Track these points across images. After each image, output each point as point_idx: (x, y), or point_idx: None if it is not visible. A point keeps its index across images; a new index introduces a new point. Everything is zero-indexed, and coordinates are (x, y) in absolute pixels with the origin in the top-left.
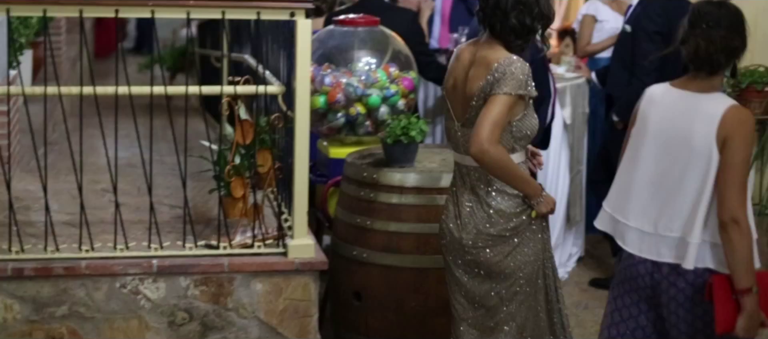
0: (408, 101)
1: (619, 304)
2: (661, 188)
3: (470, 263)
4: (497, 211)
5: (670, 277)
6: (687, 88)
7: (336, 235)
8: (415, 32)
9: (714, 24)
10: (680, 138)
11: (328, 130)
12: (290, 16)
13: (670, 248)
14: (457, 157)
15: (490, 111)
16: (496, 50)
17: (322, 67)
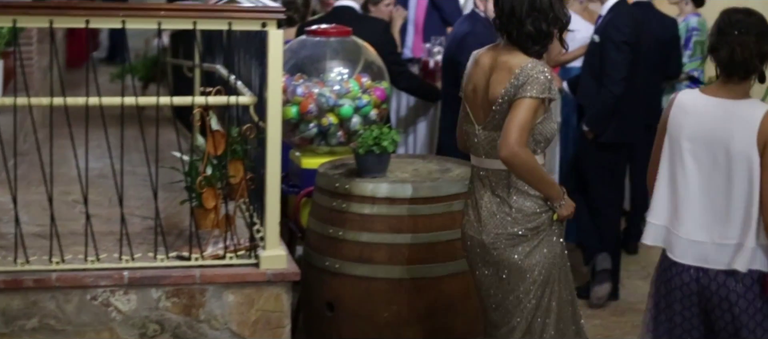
0: (380, 111)
1: (668, 315)
2: (708, 197)
3: (493, 264)
4: (518, 211)
5: (720, 281)
6: (718, 95)
7: (308, 246)
8: (387, 42)
9: (745, 31)
10: (720, 145)
11: (301, 141)
12: (262, 26)
13: (727, 255)
14: (475, 160)
15: (517, 114)
16: (516, 55)
17: (294, 77)
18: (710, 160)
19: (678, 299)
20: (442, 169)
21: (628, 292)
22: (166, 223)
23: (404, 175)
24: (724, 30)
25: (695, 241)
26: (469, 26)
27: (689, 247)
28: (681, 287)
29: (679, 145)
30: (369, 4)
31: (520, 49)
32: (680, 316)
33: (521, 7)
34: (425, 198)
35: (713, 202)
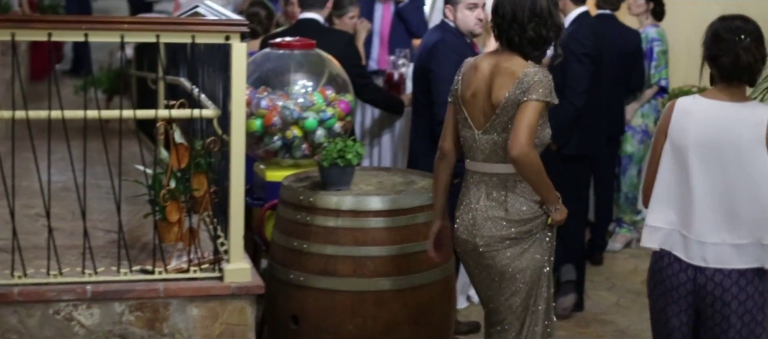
0: (345, 124)
1: (666, 315)
2: (718, 198)
3: (485, 267)
4: (514, 215)
5: (717, 280)
6: (720, 99)
7: (273, 259)
8: (351, 55)
9: (747, 36)
10: (728, 147)
11: (265, 154)
12: (225, 39)
13: (744, 254)
14: (472, 165)
15: (525, 116)
16: (517, 61)
17: (258, 90)
18: (719, 163)
19: (675, 299)
20: (407, 181)
21: (593, 303)
22: (130, 237)
23: (369, 187)
24: (725, 37)
25: (707, 242)
26: (439, 35)
27: (700, 248)
28: (677, 287)
29: (686, 149)
30: (333, 17)
31: (520, 54)
32: (676, 319)
33: (523, 12)
34: (390, 210)
35: (724, 203)
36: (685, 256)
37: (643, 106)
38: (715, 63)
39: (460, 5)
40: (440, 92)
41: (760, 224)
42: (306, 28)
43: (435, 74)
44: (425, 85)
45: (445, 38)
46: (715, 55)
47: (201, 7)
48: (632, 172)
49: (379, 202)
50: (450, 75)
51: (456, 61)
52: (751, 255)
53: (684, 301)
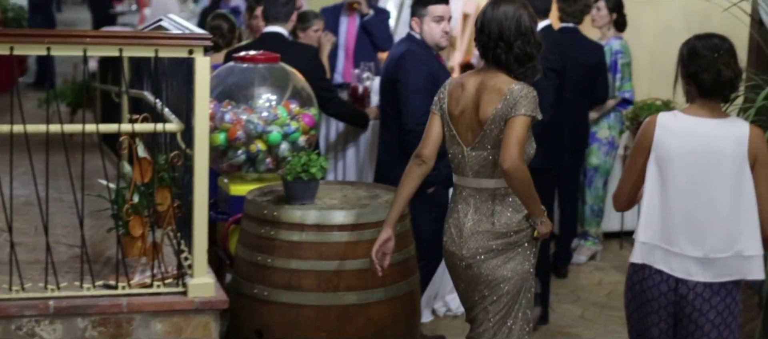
0: (309, 138)
1: (645, 325)
2: (701, 213)
3: (470, 277)
4: (500, 227)
5: (698, 291)
6: (700, 115)
7: (237, 273)
8: (315, 68)
9: (724, 53)
10: (713, 163)
11: (229, 168)
12: (189, 53)
13: (726, 267)
14: (461, 180)
15: (514, 131)
16: (502, 78)
17: (222, 104)
18: (702, 178)
19: (654, 309)
20: (371, 195)
21: (558, 315)
22: (93, 252)
23: (333, 201)
24: (704, 54)
25: (690, 256)
26: (406, 46)
27: (683, 261)
28: (658, 297)
29: (669, 165)
30: (298, 30)
31: (505, 71)
32: (656, 328)
33: (509, 30)
34: (354, 224)
35: (706, 217)
36: (668, 269)
37: (608, 117)
38: (694, 79)
39: (426, 18)
40: (407, 101)
41: (741, 237)
42: (270, 41)
43: (402, 84)
44: (393, 96)
45: (412, 49)
46: (695, 72)
47: (165, 21)
48: (598, 183)
49: (343, 216)
50: (417, 85)
51: (423, 71)
52: (732, 267)
53: (664, 311)
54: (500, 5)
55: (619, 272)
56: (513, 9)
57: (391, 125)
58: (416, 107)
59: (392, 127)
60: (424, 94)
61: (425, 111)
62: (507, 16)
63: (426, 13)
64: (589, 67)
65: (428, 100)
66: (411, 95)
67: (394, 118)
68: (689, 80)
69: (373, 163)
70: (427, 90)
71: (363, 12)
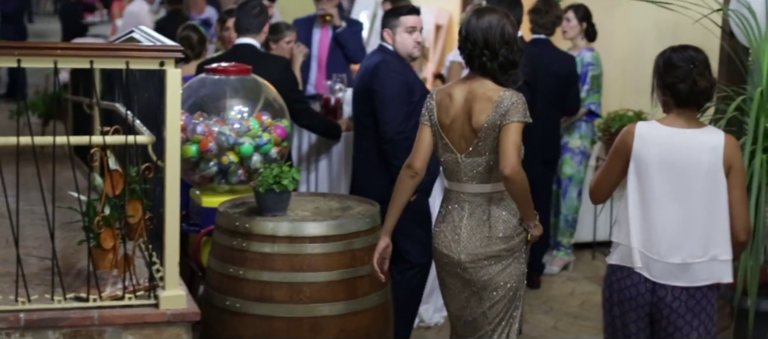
0: (281, 149)
1: (623, 322)
2: (678, 219)
3: (468, 282)
4: (497, 233)
5: (675, 294)
6: (676, 125)
7: (209, 285)
8: (288, 80)
9: (699, 64)
10: (690, 171)
11: (201, 179)
12: (160, 65)
13: (702, 271)
14: (455, 185)
15: (510, 137)
16: (490, 85)
17: (193, 115)
18: (679, 186)
19: (633, 308)
20: (343, 206)
21: (531, 326)
22: (64, 264)
23: (305, 213)
24: (680, 65)
25: (668, 261)
26: (380, 57)
27: (661, 266)
28: (636, 297)
29: (648, 174)
30: (270, 42)
31: (490, 78)
32: (634, 325)
33: (494, 39)
34: (326, 236)
35: (684, 224)
36: (647, 274)
37: (580, 127)
38: (671, 90)
39: (398, 29)
40: (385, 111)
41: (716, 242)
42: (242, 53)
43: (378, 94)
44: (369, 107)
45: (386, 59)
46: (672, 83)
47: (136, 33)
48: (572, 193)
49: (315, 228)
50: (394, 94)
51: (399, 80)
52: (708, 271)
53: (642, 311)
54: (484, 15)
55: (591, 283)
56: (497, 18)
57: (369, 136)
58: (394, 116)
59: (370, 138)
60: (401, 103)
61: (403, 120)
62: (491, 25)
63: (398, 24)
64: (561, 79)
65: (405, 109)
66: (388, 105)
67: (371, 129)
68: (665, 91)
69: (346, 174)
70: (403, 99)
71: (335, 24)
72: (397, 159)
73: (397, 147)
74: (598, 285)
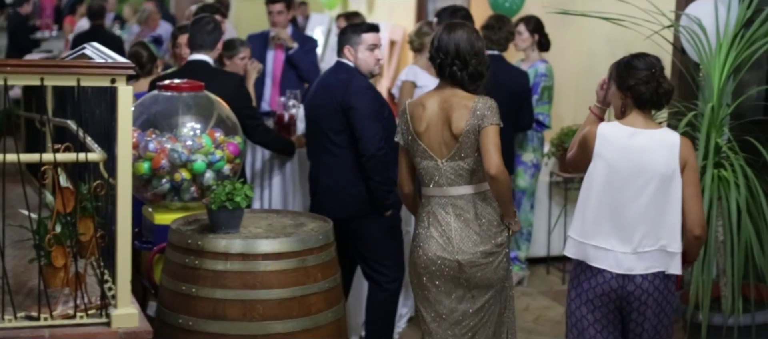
0: (234, 166)
1: (591, 319)
2: (637, 214)
3: (461, 282)
4: (486, 230)
5: (637, 282)
6: (635, 125)
7: (161, 303)
8: (241, 96)
9: (659, 70)
10: (650, 169)
11: (153, 197)
12: (111, 82)
13: (653, 261)
14: (437, 191)
15: (490, 140)
16: (463, 93)
17: (146, 132)
18: (640, 183)
19: (604, 303)
20: (297, 223)
21: None
22: (15, 282)
23: (258, 230)
24: (644, 69)
25: (629, 253)
26: (348, 75)
27: (623, 258)
28: (608, 293)
29: (610, 171)
30: (224, 58)
31: (461, 87)
32: (605, 319)
33: (465, 50)
34: (279, 253)
35: (639, 217)
36: (610, 267)
37: (532, 140)
38: (633, 92)
39: (360, 46)
40: (365, 128)
41: (666, 234)
42: (195, 69)
43: (358, 111)
44: (341, 124)
45: (355, 77)
46: (635, 85)
47: (88, 49)
48: (526, 206)
49: (268, 245)
50: (371, 110)
51: (373, 96)
52: (658, 260)
53: (606, 308)
54: (456, 29)
55: (546, 297)
56: (467, 33)
57: (338, 153)
58: (374, 133)
59: (339, 154)
60: (378, 119)
61: (382, 136)
62: (462, 39)
63: (360, 42)
64: (514, 95)
65: (381, 124)
66: (367, 121)
67: (343, 146)
68: (627, 93)
69: (300, 191)
70: (379, 115)
71: (288, 45)
72: (378, 174)
73: (378, 163)
74: (553, 300)
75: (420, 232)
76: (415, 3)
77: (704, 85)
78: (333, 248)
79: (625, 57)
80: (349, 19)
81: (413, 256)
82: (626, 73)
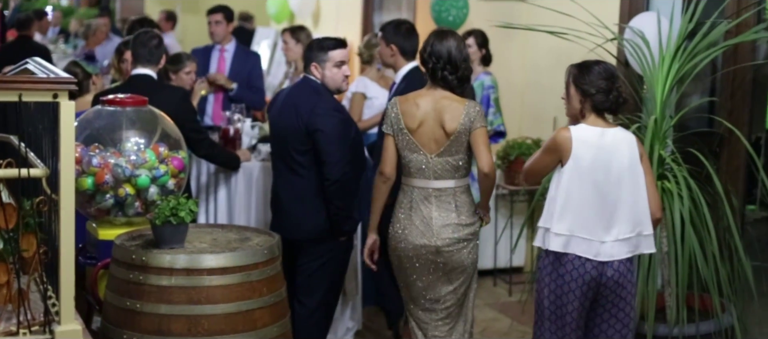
0: (178, 181)
1: (570, 308)
2: (610, 205)
3: (441, 264)
4: (464, 219)
5: (615, 267)
6: (600, 126)
7: (106, 319)
8: (185, 110)
9: (617, 77)
10: (615, 164)
11: (97, 212)
12: (53, 97)
13: (629, 245)
14: (423, 182)
15: (482, 141)
16: (453, 96)
17: (89, 147)
18: (610, 177)
19: (584, 291)
20: (242, 238)
21: None
22: None
23: (203, 245)
24: (606, 77)
25: (606, 241)
26: (315, 96)
27: (600, 247)
28: (588, 281)
29: (584, 169)
30: (170, 72)
31: (450, 90)
32: (579, 303)
33: (456, 57)
34: (224, 268)
35: (615, 208)
36: (591, 255)
37: None
38: (592, 98)
39: (327, 63)
40: (330, 153)
41: (641, 220)
42: (139, 83)
43: (325, 135)
44: (306, 145)
45: (323, 97)
46: (594, 93)
47: (31, 64)
48: None
49: (213, 260)
50: (338, 134)
51: (340, 119)
52: (635, 244)
53: (584, 296)
54: (446, 37)
55: (493, 309)
56: (456, 41)
57: (302, 173)
58: (340, 158)
59: (303, 175)
60: (345, 143)
61: (347, 160)
62: (453, 46)
63: (327, 59)
64: None
65: (347, 148)
66: (333, 146)
67: (306, 167)
68: (586, 99)
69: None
70: (346, 139)
71: (227, 87)
72: (340, 200)
73: (342, 189)
74: (500, 312)
75: (401, 217)
76: (361, 16)
77: (647, 97)
78: (278, 262)
79: (582, 63)
80: (294, 32)
81: (394, 243)
82: (587, 81)
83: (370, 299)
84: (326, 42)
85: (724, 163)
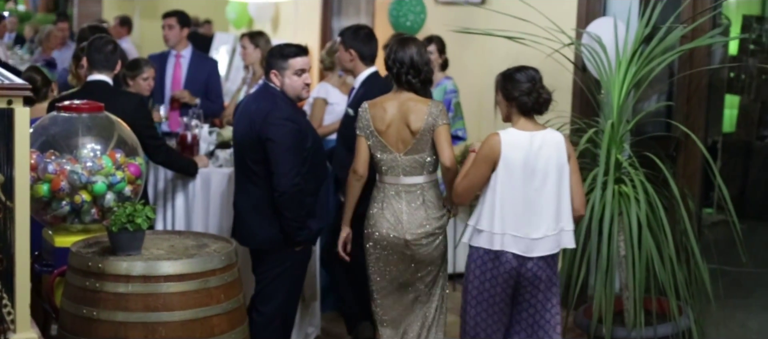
0: (135, 187)
1: (492, 302)
2: (538, 204)
3: (408, 257)
4: (432, 213)
5: (535, 262)
6: (527, 129)
7: (62, 327)
8: (141, 116)
9: (538, 81)
10: (543, 165)
11: (53, 219)
12: (8, 104)
13: (556, 242)
14: (393, 179)
15: (445, 137)
16: (417, 97)
17: (45, 154)
18: (538, 178)
19: (502, 282)
20: (199, 244)
21: None
22: None
23: (160, 251)
24: (526, 81)
25: (534, 238)
26: (270, 104)
27: (529, 243)
28: (509, 272)
29: (515, 171)
30: (127, 78)
31: (414, 92)
32: (501, 297)
33: (417, 61)
34: (181, 275)
35: (543, 207)
36: (517, 250)
37: None
38: (517, 102)
39: (287, 71)
40: (280, 163)
41: (563, 217)
42: (95, 89)
43: (276, 144)
44: (260, 155)
45: (277, 104)
46: (518, 96)
47: None
48: None
49: (170, 267)
50: (288, 144)
51: (292, 129)
52: (557, 241)
53: (512, 281)
54: (408, 44)
55: (452, 314)
56: (417, 46)
57: (258, 182)
58: (289, 169)
59: (259, 184)
60: (296, 154)
61: (298, 171)
62: (414, 52)
63: (287, 67)
64: None
65: (299, 158)
66: (282, 157)
67: (261, 176)
68: (512, 103)
69: (203, 211)
70: (298, 148)
71: (190, 103)
72: (289, 211)
73: (291, 200)
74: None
75: (374, 212)
76: (320, 21)
77: (604, 102)
78: (236, 269)
79: (509, 70)
80: (253, 38)
81: (368, 233)
82: (511, 86)
83: (329, 304)
84: (287, 49)
85: (681, 166)
